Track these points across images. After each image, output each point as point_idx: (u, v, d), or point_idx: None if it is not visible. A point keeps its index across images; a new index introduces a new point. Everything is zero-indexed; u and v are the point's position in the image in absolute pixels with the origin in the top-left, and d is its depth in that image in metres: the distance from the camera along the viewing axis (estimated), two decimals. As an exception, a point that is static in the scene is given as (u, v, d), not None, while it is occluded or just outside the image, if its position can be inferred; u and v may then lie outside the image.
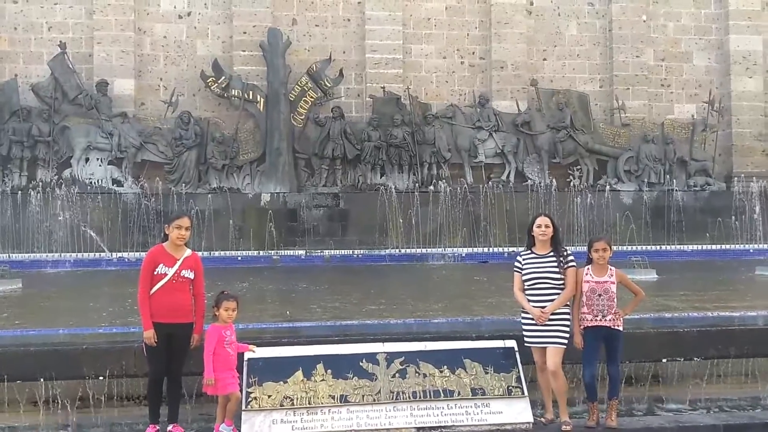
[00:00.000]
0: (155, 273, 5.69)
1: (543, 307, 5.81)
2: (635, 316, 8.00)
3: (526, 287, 5.97)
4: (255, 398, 5.61)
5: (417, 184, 18.83)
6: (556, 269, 5.90)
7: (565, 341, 5.80)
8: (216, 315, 5.77)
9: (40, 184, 17.69)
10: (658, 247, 18.15)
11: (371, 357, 5.84)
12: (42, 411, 6.23)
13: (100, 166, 18.35)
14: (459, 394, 5.77)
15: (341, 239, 18.10)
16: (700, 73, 21.10)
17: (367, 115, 19.41)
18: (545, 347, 5.82)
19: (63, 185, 17.60)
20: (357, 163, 18.84)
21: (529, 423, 5.76)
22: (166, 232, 5.87)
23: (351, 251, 17.56)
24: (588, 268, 6.01)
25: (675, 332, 7.03)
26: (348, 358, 5.82)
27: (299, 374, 5.73)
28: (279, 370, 5.74)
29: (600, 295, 5.90)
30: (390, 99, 19.37)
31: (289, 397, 5.63)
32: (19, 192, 17.56)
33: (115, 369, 6.29)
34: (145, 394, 6.32)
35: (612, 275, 5.99)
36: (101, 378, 6.24)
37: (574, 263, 5.95)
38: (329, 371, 5.75)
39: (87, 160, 18.35)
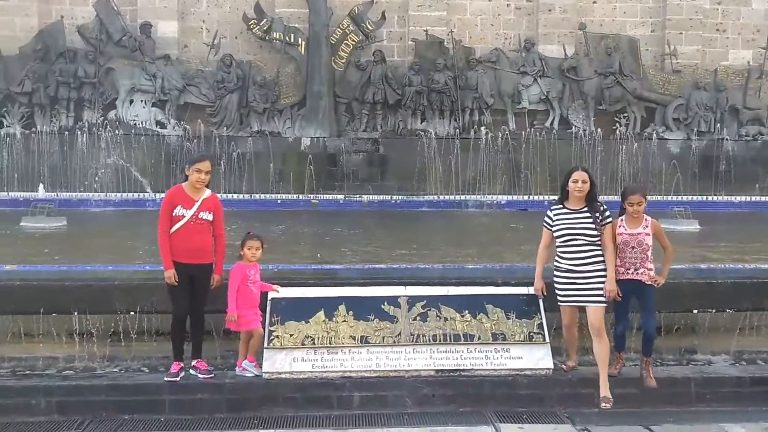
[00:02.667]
0: (174, 214, 5.67)
1: (577, 264, 5.61)
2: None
3: (558, 244, 5.71)
4: (277, 336, 5.72)
5: (458, 130, 18.57)
6: (592, 225, 5.64)
7: (604, 298, 5.61)
8: (241, 254, 5.85)
9: (87, 125, 18.01)
10: (705, 197, 17.65)
11: (393, 300, 5.87)
12: (77, 343, 6.46)
13: (144, 108, 18.56)
14: (479, 338, 5.79)
15: (380, 184, 18.06)
16: (759, 17, 20.07)
17: (409, 59, 19.10)
18: (576, 306, 5.69)
19: (108, 126, 17.91)
20: (397, 108, 18.64)
21: (549, 369, 5.75)
22: (186, 173, 5.84)
23: (389, 196, 17.52)
24: (621, 220, 5.81)
25: (709, 283, 6.88)
26: (370, 301, 5.87)
27: (321, 315, 5.80)
28: (301, 310, 5.82)
29: (633, 248, 5.72)
30: (432, 43, 18.99)
31: (311, 337, 5.72)
32: (66, 132, 17.93)
33: (145, 305, 6.46)
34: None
35: (647, 226, 5.78)
36: (132, 313, 6.43)
37: (611, 219, 5.70)
38: (351, 313, 5.82)
39: (131, 102, 18.58)
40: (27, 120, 18.35)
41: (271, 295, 5.89)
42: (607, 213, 5.65)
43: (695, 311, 6.78)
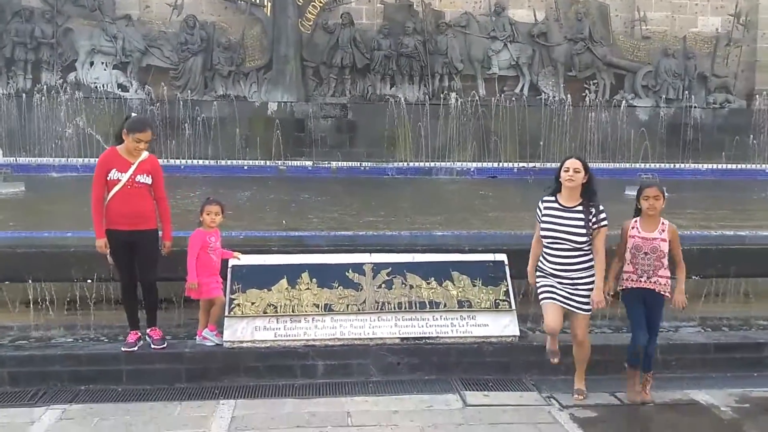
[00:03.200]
0: (108, 179, 5.26)
1: (562, 271, 4.95)
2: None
3: (544, 243, 5.06)
4: (238, 305, 5.56)
5: (427, 96, 18.40)
6: (582, 229, 4.90)
7: (589, 306, 5.02)
8: (200, 221, 5.65)
9: (45, 87, 17.45)
10: (672, 165, 17.76)
11: (357, 267, 5.73)
12: (32, 312, 6.24)
13: (105, 70, 18.06)
14: (445, 306, 5.69)
15: (348, 151, 17.87)
16: (728, -16, 20.12)
17: (378, 22, 18.80)
18: (562, 307, 5.04)
19: (68, 89, 17.37)
20: (366, 73, 18.38)
21: (515, 336, 5.69)
22: (123, 138, 5.32)
23: (358, 163, 17.34)
24: (636, 221, 5.08)
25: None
26: (334, 268, 5.73)
27: (284, 282, 5.65)
28: (263, 277, 5.66)
29: (646, 254, 5.01)
30: (402, 6, 18.71)
31: (273, 305, 5.57)
32: (24, 95, 17.36)
33: (102, 273, 6.26)
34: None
35: (663, 230, 5.04)
36: (89, 281, 6.22)
37: (606, 222, 4.95)
38: (314, 280, 5.67)
39: (92, 63, 18.06)
40: (-18, 82, 17.74)
41: (232, 262, 5.71)
42: (603, 215, 4.94)
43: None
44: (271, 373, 5.42)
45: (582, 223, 4.92)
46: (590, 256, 4.96)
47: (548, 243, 5.03)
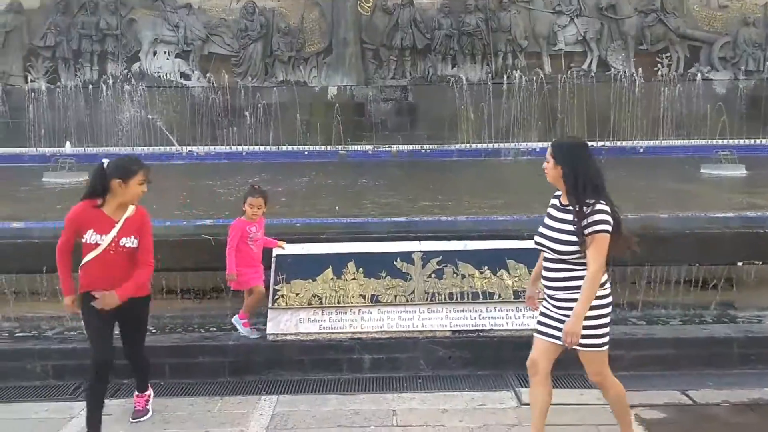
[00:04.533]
0: (84, 241, 4.19)
1: (550, 287, 3.81)
2: (706, 214, 7.31)
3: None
4: (282, 296, 5.36)
5: (490, 75, 17.81)
6: (568, 236, 3.67)
7: (595, 341, 3.74)
8: (243, 210, 5.47)
9: (111, 78, 17.73)
10: (752, 141, 16.72)
11: (406, 256, 5.45)
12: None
13: (167, 59, 18.22)
14: (500, 296, 5.35)
15: (409, 134, 17.51)
16: (815, -55, 18.72)
17: (438, 1, 18.26)
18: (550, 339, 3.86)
19: (132, 79, 17.61)
20: (427, 54, 17.93)
21: (576, 329, 5.28)
22: (116, 185, 4.18)
23: (419, 146, 16.98)
24: None
25: (755, 233, 6.32)
26: (381, 257, 5.46)
27: (329, 272, 5.42)
28: (308, 267, 5.45)
29: None
30: (462, -17, 18.15)
31: (318, 296, 5.35)
32: (90, 86, 17.68)
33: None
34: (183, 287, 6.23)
35: None
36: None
37: (601, 228, 3.60)
38: (361, 270, 5.43)
39: (155, 53, 18.25)
40: (52, 74, 18.16)
41: (276, 251, 5.52)
42: (597, 217, 3.60)
43: (739, 263, 6.24)
44: (315, 367, 5.21)
45: (571, 227, 3.67)
46: (584, 272, 3.66)
47: (539, 250, 3.94)
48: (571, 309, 3.66)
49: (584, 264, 3.64)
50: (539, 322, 3.91)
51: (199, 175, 13.35)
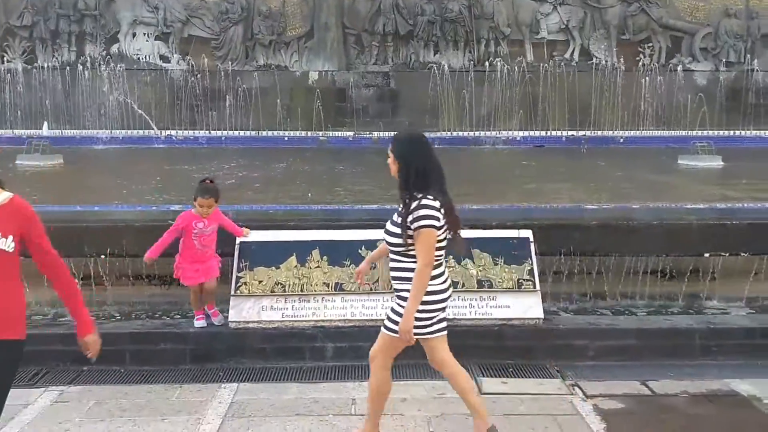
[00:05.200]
0: None
1: (392, 278, 3.84)
2: (676, 204, 7.35)
3: None
4: (245, 283, 5.32)
5: (472, 63, 17.80)
6: (398, 229, 3.66)
7: (422, 330, 3.73)
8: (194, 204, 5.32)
9: (89, 59, 17.51)
10: (732, 132, 16.80)
11: (371, 244, 5.37)
12: (47, 288, 6.14)
13: (147, 41, 18.03)
14: (463, 285, 5.33)
15: (391, 120, 17.41)
16: (797, -65, 18.77)
17: (422, -14, 18.19)
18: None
19: (111, 61, 17.40)
20: (409, 40, 17.86)
21: (539, 319, 5.31)
22: None
23: (400, 133, 16.89)
24: None
25: (722, 224, 6.35)
26: (346, 245, 5.42)
27: (293, 260, 5.38)
28: (272, 255, 5.40)
29: None
30: (446, -31, 18.05)
31: (281, 284, 5.31)
32: (68, 67, 17.46)
33: (116, 248, 6.13)
34: (147, 273, 6.18)
35: None
36: (102, 257, 6.10)
37: (422, 224, 3.55)
38: (325, 258, 5.39)
39: (134, 35, 18.04)
40: (29, 55, 17.93)
41: (240, 239, 5.46)
42: (419, 213, 3.56)
43: (706, 255, 6.27)
44: (278, 355, 5.18)
45: (398, 219, 3.69)
46: (412, 267, 3.64)
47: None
48: (401, 299, 3.69)
49: (411, 256, 3.64)
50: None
51: (176, 159, 13.22)
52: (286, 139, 16.56)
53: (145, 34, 17.98)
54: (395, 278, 3.77)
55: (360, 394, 4.65)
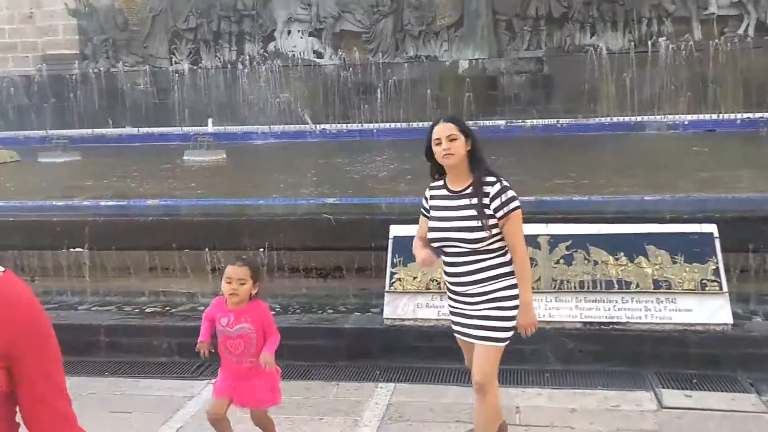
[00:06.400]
0: None
1: (460, 284, 3.29)
2: None
3: (437, 247, 3.38)
4: (399, 279, 5.14)
5: (633, 44, 16.72)
6: (474, 221, 3.19)
7: (500, 335, 3.28)
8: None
9: (248, 58, 18.24)
10: None
11: (532, 240, 5.01)
12: (210, 278, 6.33)
13: (301, 38, 18.50)
14: (637, 286, 4.84)
15: (545, 107, 16.79)
16: None
17: (577, -34, 17.34)
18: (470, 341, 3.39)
19: (268, 59, 18.02)
20: (564, 23, 17.10)
21: (726, 324, 4.71)
22: None
23: (555, 120, 16.25)
24: None
25: None
26: (506, 240, 5.07)
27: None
28: (428, 250, 5.16)
29: None
30: (604, -56, 17.07)
31: (437, 280, 5.06)
32: (229, 66, 18.28)
33: (273, 242, 6.19)
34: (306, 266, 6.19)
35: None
36: (261, 250, 6.17)
37: (516, 205, 3.21)
38: (484, 254, 5.07)
39: (289, 32, 18.56)
40: (194, 56, 18.95)
41: (393, 232, 5.29)
42: (511, 194, 3.20)
43: None
44: (434, 355, 4.94)
45: (474, 212, 3.19)
46: (499, 258, 3.24)
47: (438, 247, 3.35)
48: (493, 301, 3.23)
49: (495, 250, 3.23)
50: (455, 329, 3.46)
51: (330, 153, 13.44)
52: (436, 129, 16.38)
53: (299, 31, 18.47)
54: (478, 281, 3.24)
55: (524, 402, 4.34)
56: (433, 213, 3.37)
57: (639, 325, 4.77)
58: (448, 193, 3.32)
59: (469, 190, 3.25)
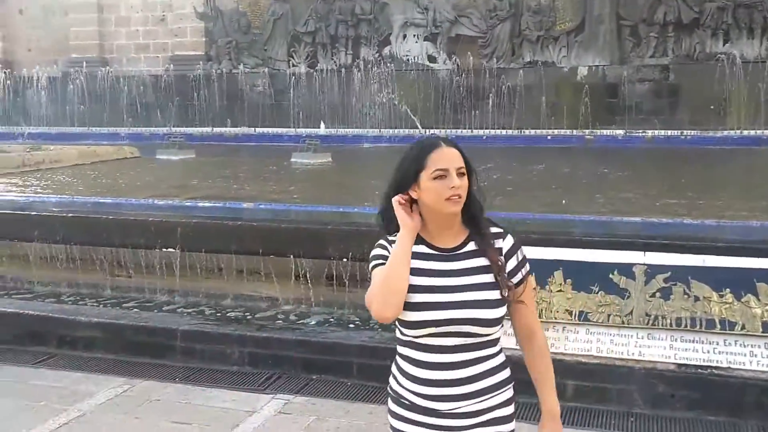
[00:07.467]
0: None
1: (443, 406, 2.16)
2: None
3: (414, 342, 2.21)
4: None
5: (771, 52, 15.44)
6: (495, 290, 2.18)
7: None
8: None
9: (363, 62, 18.32)
10: None
11: (626, 269, 4.60)
12: (293, 287, 6.29)
13: (416, 42, 18.38)
14: (743, 327, 4.31)
15: (669, 118, 15.79)
16: None
17: (713, -32, 16.19)
18: None
19: (382, 63, 18.03)
20: (694, 29, 16.00)
21: None
22: None
23: (679, 132, 15.25)
24: None
25: None
26: (595, 267, 4.66)
27: (532, 280, 4.75)
28: (510, 273, 4.83)
29: None
30: (744, -55, 15.85)
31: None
32: (344, 69, 18.42)
33: (358, 253, 6.05)
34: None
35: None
36: (344, 259, 6.05)
37: (527, 264, 2.30)
38: (569, 281, 4.68)
39: (404, 36, 18.50)
40: (311, 59, 19.24)
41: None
42: (523, 249, 2.29)
43: None
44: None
45: (490, 278, 2.18)
46: (501, 359, 2.30)
47: (426, 340, 2.18)
48: (488, 425, 2.18)
49: (496, 342, 2.26)
50: None
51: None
52: (548, 138, 15.81)
53: (414, 35, 18.35)
54: (476, 393, 2.19)
55: (601, 448, 3.95)
56: (415, 281, 2.15)
57: (742, 372, 4.25)
58: (434, 252, 2.21)
59: (471, 247, 2.20)
